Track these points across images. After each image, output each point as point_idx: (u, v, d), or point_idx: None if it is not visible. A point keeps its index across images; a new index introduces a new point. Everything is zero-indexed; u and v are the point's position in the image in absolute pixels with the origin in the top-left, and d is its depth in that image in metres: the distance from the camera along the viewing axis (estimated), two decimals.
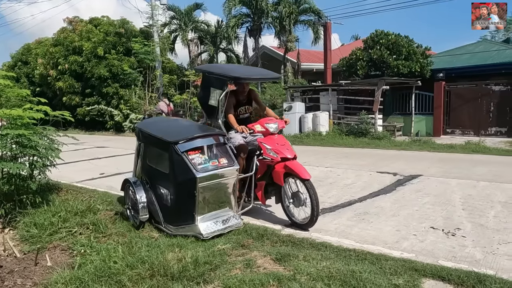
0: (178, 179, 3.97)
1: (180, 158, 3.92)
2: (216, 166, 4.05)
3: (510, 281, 2.96)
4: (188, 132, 4.29)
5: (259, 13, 20.25)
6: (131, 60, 19.87)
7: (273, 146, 4.34)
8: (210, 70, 4.98)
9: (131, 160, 5.21)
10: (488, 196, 5.71)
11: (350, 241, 3.94)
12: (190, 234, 3.94)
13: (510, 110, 14.07)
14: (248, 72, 5.38)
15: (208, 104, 4.83)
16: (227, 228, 4.08)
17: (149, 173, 4.48)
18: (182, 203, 4.00)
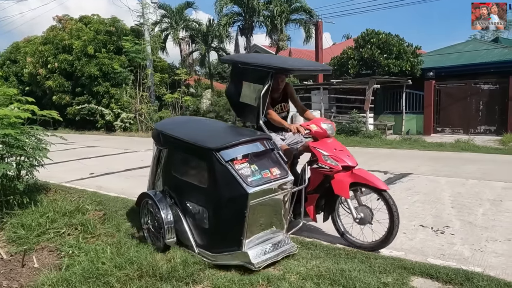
0: (222, 195, 3.19)
1: (224, 169, 3.14)
2: (269, 178, 3.26)
3: (497, 278, 2.99)
4: (229, 135, 3.59)
5: (250, 12, 20.22)
6: (122, 59, 19.73)
7: (330, 152, 3.67)
8: (246, 61, 4.17)
9: (121, 159, 5.16)
10: (477, 194, 5.76)
11: (340, 240, 3.95)
12: (236, 262, 3.21)
13: (499, 108, 14.25)
14: (296, 63, 4.60)
15: (239, 101, 4.06)
16: (280, 255, 3.33)
17: (176, 186, 3.68)
18: (226, 224, 3.24)
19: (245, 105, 4.03)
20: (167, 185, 3.80)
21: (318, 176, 3.77)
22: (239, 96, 4.05)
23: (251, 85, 3.95)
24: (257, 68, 3.85)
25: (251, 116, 4.04)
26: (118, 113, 19.48)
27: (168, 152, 3.82)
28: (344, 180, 3.61)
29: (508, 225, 4.41)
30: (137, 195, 5.66)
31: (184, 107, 19.77)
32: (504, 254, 3.62)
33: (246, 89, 4.01)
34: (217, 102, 19.48)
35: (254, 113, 3.90)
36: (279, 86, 4.11)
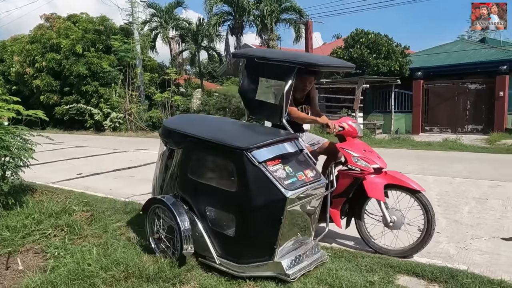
0: (255, 200, 2.91)
1: (257, 171, 2.88)
2: (304, 181, 3.05)
3: (481, 275, 3.03)
4: (258, 134, 3.35)
5: (240, 11, 20.20)
6: (111, 58, 19.56)
7: (360, 153, 3.52)
8: (265, 55, 3.84)
9: (110, 159, 5.09)
10: (463, 192, 5.84)
11: (328, 239, 3.96)
12: (268, 273, 2.97)
13: (486, 108, 14.45)
14: (322, 58, 4.32)
15: (255, 99, 3.77)
16: (312, 264, 3.14)
17: (193, 190, 3.33)
18: (258, 232, 2.98)
19: (263, 103, 3.73)
20: (180, 189, 3.41)
21: (346, 179, 3.59)
22: (255, 93, 3.76)
23: (270, 82, 3.71)
24: (279, 64, 3.58)
25: (270, 115, 3.71)
26: (108, 112, 19.32)
27: (183, 152, 3.42)
28: (378, 182, 3.46)
29: (492, 223, 4.47)
30: (126, 195, 5.63)
31: (174, 106, 19.67)
32: (489, 251, 3.67)
33: (264, 86, 3.74)
34: (207, 101, 19.42)
35: (275, 111, 3.59)
36: (306, 87, 3.92)
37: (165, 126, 3.72)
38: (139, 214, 4.72)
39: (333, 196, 3.61)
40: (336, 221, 3.67)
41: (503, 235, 4.09)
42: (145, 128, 18.92)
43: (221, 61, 25.37)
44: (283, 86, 3.49)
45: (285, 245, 3.03)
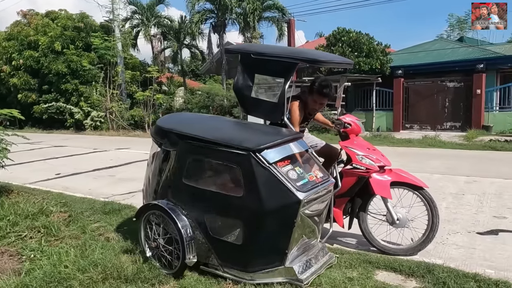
0: (266, 204, 2.73)
1: (267, 173, 2.73)
2: (315, 182, 2.96)
3: (456, 269, 3.10)
4: (264, 134, 3.21)
5: (223, 9, 20.09)
6: (91, 56, 19.21)
7: (365, 152, 3.49)
8: (262, 51, 3.66)
9: (90, 159, 5.01)
10: (440, 188, 5.96)
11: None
12: (280, 279, 2.86)
13: (464, 105, 14.78)
14: (324, 55, 4.15)
15: (251, 97, 3.63)
16: (322, 267, 3.07)
17: (190, 197, 3.09)
18: (268, 237, 2.84)
19: (260, 101, 3.60)
20: (176, 196, 3.16)
21: (351, 178, 3.53)
22: (251, 91, 3.62)
23: (269, 79, 3.58)
24: (278, 60, 3.43)
25: (270, 113, 3.58)
26: (88, 111, 18.99)
27: (180, 155, 3.15)
28: (385, 179, 3.43)
29: (468, 217, 4.58)
30: (105, 195, 5.55)
31: (156, 105, 19.47)
32: (464, 246, 3.76)
33: (261, 83, 3.62)
34: (190, 100, 19.28)
35: (275, 109, 3.45)
36: (316, 107, 3.76)
37: (160, 126, 3.47)
38: (119, 214, 4.67)
39: (336, 195, 3.53)
40: (339, 221, 3.61)
41: (478, 229, 4.19)
42: (126, 127, 18.66)
43: (203, 59, 25.19)
44: (283, 83, 3.35)
45: (295, 249, 2.93)
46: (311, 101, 3.69)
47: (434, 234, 3.43)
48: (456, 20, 37.70)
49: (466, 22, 36.49)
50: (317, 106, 3.73)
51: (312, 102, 3.69)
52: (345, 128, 3.59)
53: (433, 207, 3.39)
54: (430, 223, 3.41)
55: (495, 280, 2.87)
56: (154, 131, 3.58)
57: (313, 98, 3.67)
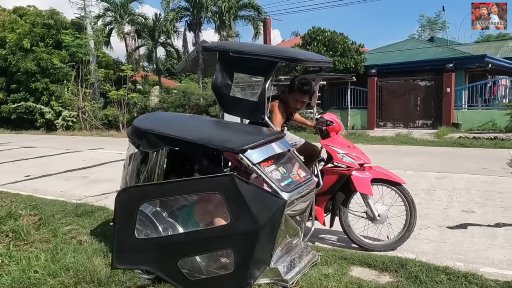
0: (251, 207, 2.64)
1: (252, 188, 2.62)
2: (298, 181, 2.93)
3: (428, 263, 3.19)
4: (247, 134, 3.17)
5: (198, 7, 19.93)
6: (62, 54, 18.66)
7: (346, 150, 3.53)
8: (241, 49, 3.59)
9: (62, 160, 4.86)
10: (413, 184, 6.11)
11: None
12: (266, 280, 2.85)
13: (434, 104, 15.22)
14: (306, 54, 4.16)
15: (230, 95, 3.57)
16: (307, 266, 3.08)
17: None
18: (259, 248, 2.76)
19: (239, 100, 3.56)
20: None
21: (332, 176, 3.55)
22: (230, 90, 3.56)
23: (248, 77, 3.56)
24: (258, 58, 3.37)
25: (250, 112, 3.53)
26: (59, 111, 18.46)
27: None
28: (366, 177, 3.49)
29: (439, 212, 4.72)
30: (78, 197, 5.41)
31: (131, 104, 19.12)
32: (435, 240, 3.87)
33: (241, 81, 3.58)
34: (166, 99, 19.04)
35: (255, 108, 3.40)
36: (297, 106, 3.72)
37: (137, 127, 3.33)
38: (92, 216, 4.56)
39: (317, 194, 3.52)
40: (320, 219, 3.64)
41: (448, 224, 4.33)
42: (100, 126, 18.25)
43: (179, 58, 24.92)
44: (263, 81, 3.30)
45: (279, 249, 2.90)
46: (292, 100, 3.67)
47: (413, 228, 3.53)
48: (427, 20, 38.84)
49: (436, 23, 37.66)
50: (298, 104, 3.70)
51: (294, 101, 3.67)
52: (327, 126, 3.63)
53: (410, 201, 3.49)
54: (409, 218, 3.50)
55: (464, 273, 2.97)
56: (131, 132, 3.47)
57: (294, 96, 3.65)
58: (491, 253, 3.52)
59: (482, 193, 5.55)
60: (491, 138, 11.33)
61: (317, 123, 3.72)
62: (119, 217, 2.66)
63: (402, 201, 3.55)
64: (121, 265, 2.66)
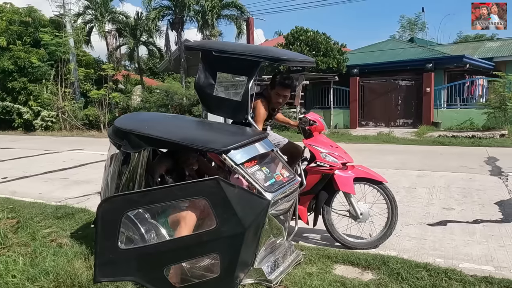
0: (236, 211, 2.63)
1: (238, 190, 2.60)
2: (282, 181, 2.94)
3: (409, 260, 3.25)
4: (231, 134, 3.17)
5: (180, 6, 19.77)
6: (40, 52, 18.23)
7: (328, 149, 3.57)
8: (224, 48, 3.56)
9: (41, 161, 4.73)
10: (394, 182, 6.19)
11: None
12: (250, 281, 2.85)
13: (415, 103, 15.50)
14: (289, 53, 4.18)
15: (213, 95, 3.55)
16: (290, 266, 3.09)
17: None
18: (245, 250, 2.76)
19: (223, 99, 3.55)
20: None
21: (315, 175, 3.59)
22: (213, 89, 3.54)
23: (231, 77, 3.56)
24: (241, 58, 3.36)
25: (233, 112, 3.53)
26: (38, 111, 18.04)
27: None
28: (348, 176, 3.54)
29: (420, 210, 4.81)
30: (57, 199, 5.30)
31: (113, 104, 18.83)
32: (416, 237, 3.94)
33: (224, 81, 3.57)
34: (148, 98, 18.82)
35: (239, 108, 3.39)
36: (279, 101, 3.70)
37: (118, 127, 3.25)
38: (73, 219, 4.47)
39: (301, 193, 3.55)
40: (303, 218, 3.67)
41: (429, 221, 4.41)
42: (80, 127, 17.92)
43: (161, 57, 24.66)
44: (247, 81, 3.30)
45: (262, 249, 2.90)
46: (274, 95, 3.68)
47: (394, 226, 3.59)
48: (407, 21, 39.54)
49: (416, 24, 38.37)
50: (280, 99, 3.70)
51: (275, 96, 3.68)
52: (311, 126, 3.66)
53: (392, 199, 3.55)
54: (390, 216, 3.56)
55: (444, 269, 3.03)
56: (112, 132, 3.40)
57: (276, 91, 3.67)
58: (469, 249, 3.61)
59: (461, 190, 5.69)
60: (469, 137, 11.62)
61: (300, 123, 3.75)
62: (102, 228, 2.57)
63: (384, 199, 3.60)
64: (104, 278, 2.58)
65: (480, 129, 13.05)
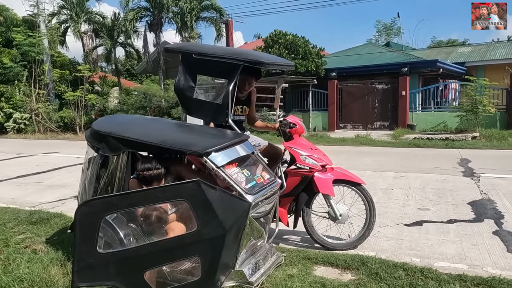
0: (225, 224, 2.62)
1: (218, 193, 2.59)
2: (262, 183, 2.97)
3: (387, 260, 3.31)
4: (210, 137, 3.18)
5: (159, 8, 19.59)
6: (12, 53, 17.71)
7: (308, 152, 3.61)
8: (203, 51, 3.54)
9: (13, 165, 4.57)
10: (372, 184, 6.32)
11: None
12: (231, 283, 2.85)
13: (391, 106, 15.83)
14: (267, 56, 4.21)
15: (193, 97, 3.55)
16: (271, 268, 3.10)
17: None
18: (226, 252, 2.79)
19: (203, 102, 3.57)
20: None
21: (295, 178, 3.62)
22: (193, 92, 3.55)
23: (211, 79, 3.57)
24: (221, 61, 3.38)
25: (214, 115, 3.54)
26: (10, 113, 17.48)
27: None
28: (328, 178, 3.59)
29: (397, 211, 4.92)
30: (31, 204, 5.15)
31: (89, 106, 18.45)
32: (394, 237, 4.03)
33: (204, 84, 3.58)
34: (126, 100, 18.52)
35: (219, 110, 3.41)
36: (245, 88, 3.76)
37: (96, 130, 3.23)
38: (48, 224, 4.35)
39: (281, 195, 3.57)
40: (284, 220, 3.69)
41: (405, 221, 4.52)
42: (55, 129, 17.46)
43: (139, 58, 24.35)
44: (227, 84, 3.31)
45: (243, 251, 2.89)
46: (240, 82, 3.59)
47: (372, 227, 3.67)
48: (383, 26, 40.44)
49: (392, 29, 39.27)
50: (242, 85, 3.69)
51: (241, 83, 3.62)
52: (291, 128, 3.70)
53: (370, 200, 3.63)
54: (369, 217, 3.64)
55: (420, 268, 3.11)
56: (90, 135, 3.35)
57: (241, 75, 3.58)
58: (444, 248, 3.71)
59: (435, 191, 5.85)
60: (443, 139, 11.96)
61: (280, 126, 3.78)
62: (80, 232, 2.51)
63: (362, 200, 3.67)
64: (82, 283, 2.50)
65: (453, 132, 13.45)
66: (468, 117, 13.01)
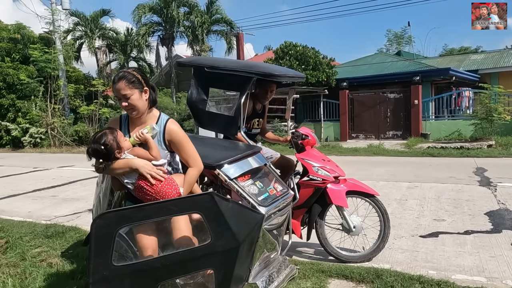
0: (239, 236, 2.67)
1: (231, 205, 2.60)
2: (275, 195, 2.97)
3: (403, 273, 3.26)
4: (223, 149, 3.22)
5: (171, 22, 19.95)
6: (29, 69, 18.15)
7: (321, 163, 3.61)
8: (216, 65, 3.60)
9: (29, 179, 4.65)
10: (386, 194, 6.25)
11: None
12: None
13: (404, 115, 15.72)
14: (280, 69, 4.26)
15: (205, 110, 3.61)
16: (284, 281, 3.07)
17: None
18: (240, 264, 2.80)
19: (215, 115, 3.61)
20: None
21: (308, 189, 3.62)
22: (205, 104, 3.60)
23: (223, 92, 3.62)
24: (233, 74, 3.43)
25: (226, 127, 3.58)
26: (27, 128, 17.84)
27: None
28: (341, 189, 3.57)
29: (411, 222, 4.85)
30: (47, 217, 5.22)
31: (103, 119, 18.73)
32: (409, 249, 3.97)
33: (216, 96, 3.63)
34: None
35: (231, 123, 3.44)
36: (267, 96, 3.81)
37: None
38: (63, 237, 4.40)
39: (294, 207, 3.55)
40: (297, 232, 3.67)
41: (420, 233, 4.44)
42: (70, 143, 17.75)
43: (152, 72, 24.73)
44: (239, 96, 3.35)
45: (257, 264, 2.84)
46: (261, 90, 3.76)
47: (387, 239, 3.61)
48: (394, 35, 40.37)
49: (402, 37, 39.19)
50: (268, 94, 3.79)
51: (263, 91, 3.77)
52: (303, 140, 3.70)
53: (384, 212, 3.58)
54: (383, 229, 3.58)
55: (437, 281, 3.05)
56: None
57: (262, 84, 3.72)
58: (461, 260, 3.64)
59: (451, 201, 5.75)
60: (457, 148, 11.79)
61: (292, 137, 3.79)
62: (96, 245, 2.54)
63: (376, 212, 3.63)
64: None
65: (468, 140, 13.25)
66: (483, 125, 12.82)
